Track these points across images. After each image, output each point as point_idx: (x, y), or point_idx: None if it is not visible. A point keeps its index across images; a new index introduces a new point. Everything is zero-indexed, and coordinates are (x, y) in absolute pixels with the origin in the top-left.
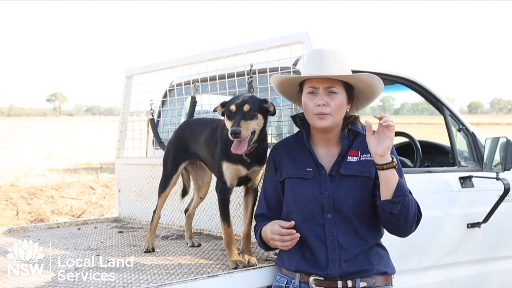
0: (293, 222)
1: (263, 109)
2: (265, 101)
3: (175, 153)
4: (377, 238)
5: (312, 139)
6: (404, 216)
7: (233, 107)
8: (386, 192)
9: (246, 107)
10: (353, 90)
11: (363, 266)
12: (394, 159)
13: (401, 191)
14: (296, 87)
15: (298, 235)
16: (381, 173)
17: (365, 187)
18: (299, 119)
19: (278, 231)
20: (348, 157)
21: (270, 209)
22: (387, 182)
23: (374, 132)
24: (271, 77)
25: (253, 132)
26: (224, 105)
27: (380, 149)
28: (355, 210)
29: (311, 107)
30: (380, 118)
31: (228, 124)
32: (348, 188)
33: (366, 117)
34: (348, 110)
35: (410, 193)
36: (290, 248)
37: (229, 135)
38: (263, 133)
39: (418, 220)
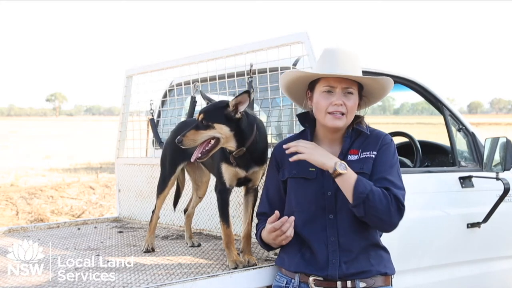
0: (277, 212)
1: (224, 116)
2: (226, 106)
3: (173, 154)
4: (377, 237)
5: (316, 138)
6: (374, 214)
7: (197, 116)
8: (348, 198)
9: (200, 117)
10: (362, 90)
11: (363, 267)
12: (337, 168)
13: (356, 194)
14: (305, 86)
15: (292, 218)
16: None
17: None
18: (305, 118)
19: (272, 229)
20: (349, 156)
21: (272, 208)
22: (343, 189)
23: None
24: (283, 72)
25: (217, 139)
26: None
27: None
28: None
29: (325, 105)
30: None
31: None
32: None
33: (366, 117)
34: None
35: (372, 191)
36: (291, 248)
37: None
38: (242, 136)
39: (400, 212)
